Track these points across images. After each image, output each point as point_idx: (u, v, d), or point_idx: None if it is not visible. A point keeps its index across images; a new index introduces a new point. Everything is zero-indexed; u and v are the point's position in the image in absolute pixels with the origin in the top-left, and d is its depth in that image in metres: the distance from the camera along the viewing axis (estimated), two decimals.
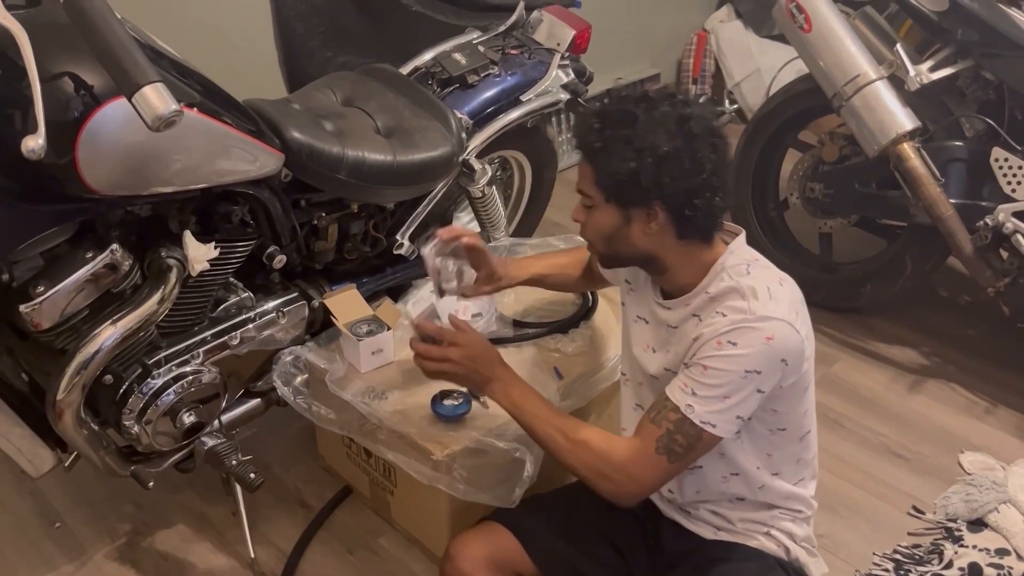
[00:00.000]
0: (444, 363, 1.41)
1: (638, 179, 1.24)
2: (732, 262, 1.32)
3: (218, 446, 1.75)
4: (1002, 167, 2.25)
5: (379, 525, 1.96)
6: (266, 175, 1.63)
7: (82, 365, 1.49)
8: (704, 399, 1.25)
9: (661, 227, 1.29)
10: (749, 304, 1.25)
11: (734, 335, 1.24)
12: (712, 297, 1.31)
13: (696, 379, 1.26)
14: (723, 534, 1.44)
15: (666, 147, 1.23)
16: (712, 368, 1.25)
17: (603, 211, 1.32)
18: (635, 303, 1.48)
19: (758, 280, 1.29)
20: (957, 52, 2.30)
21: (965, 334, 2.63)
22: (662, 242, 1.31)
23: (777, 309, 1.25)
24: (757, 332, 1.23)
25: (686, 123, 1.24)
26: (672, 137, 1.24)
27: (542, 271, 1.74)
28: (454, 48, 2.16)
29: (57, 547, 1.90)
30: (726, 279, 1.30)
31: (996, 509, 1.99)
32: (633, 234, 1.31)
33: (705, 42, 3.83)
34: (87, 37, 1.18)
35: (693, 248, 1.32)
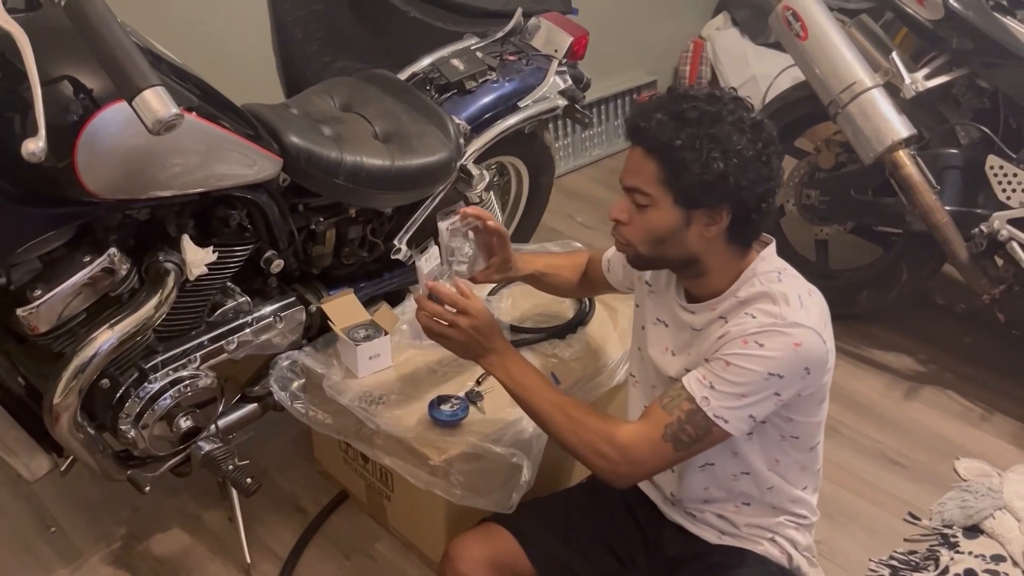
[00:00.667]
0: (451, 328, 1.36)
1: (725, 181, 1.22)
2: (763, 268, 1.32)
3: (215, 451, 1.74)
4: (997, 175, 2.26)
5: (376, 530, 1.96)
6: (264, 179, 1.63)
7: (79, 369, 1.49)
8: (721, 394, 1.24)
9: (718, 231, 1.27)
10: (781, 309, 1.24)
11: (762, 337, 1.23)
12: (742, 301, 1.30)
13: (716, 373, 1.25)
14: (727, 539, 1.44)
15: (750, 151, 1.22)
16: (735, 365, 1.24)
17: (662, 211, 1.27)
18: (654, 305, 1.47)
19: (790, 288, 1.28)
20: (952, 60, 2.31)
21: (961, 341, 2.64)
22: (712, 245, 1.29)
23: (808, 317, 1.25)
24: (786, 337, 1.23)
25: (760, 128, 1.25)
26: (752, 142, 1.23)
27: (542, 268, 1.73)
28: (452, 54, 2.16)
29: (53, 551, 1.89)
30: (757, 284, 1.30)
31: (992, 516, 2.00)
32: (690, 236, 1.28)
33: (701, 49, 3.84)
34: (88, 40, 1.18)
35: (734, 253, 1.32)
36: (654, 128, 1.24)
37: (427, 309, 1.39)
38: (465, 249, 1.59)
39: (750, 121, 1.24)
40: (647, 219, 1.29)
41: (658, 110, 1.25)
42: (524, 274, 1.70)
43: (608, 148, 3.72)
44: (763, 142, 1.24)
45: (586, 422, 1.31)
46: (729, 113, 1.23)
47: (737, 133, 1.22)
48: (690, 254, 1.31)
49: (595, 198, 3.40)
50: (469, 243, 1.58)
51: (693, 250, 1.30)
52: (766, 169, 1.24)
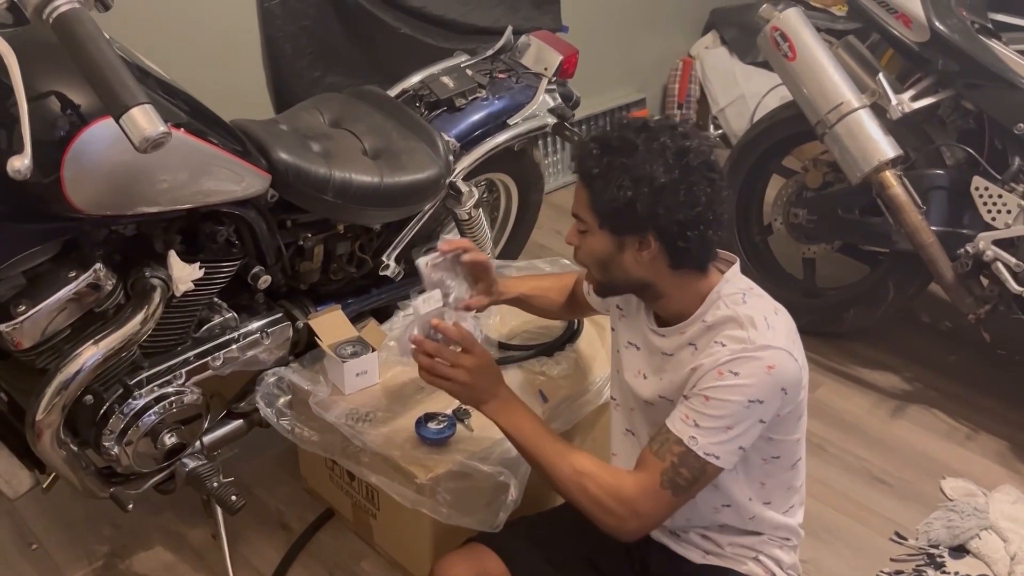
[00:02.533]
0: (453, 369, 1.35)
1: (633, 208, 1.25)
2: (728, 291, 1.32)
3: (199, 467, 1.73)
4: (982, 195, 2.27)
5: (361, 548, 1.94)
6: (252, 195, 1.63)
7: (63, 385, 1.47)
8: (707, 430, 1.24)
9: (654, 256, 1.30)
10: (748, 334, 1.25)
11: (735, 365, 1.24)
12: (709, 326, 1.30)
13: (698, 410, 1.25)
14: (712, 558, 1.44)
15: (663, 178, 1.24)
16: (714, 399, 1.24)
17: (597, 237, 1.32)
18: (626, 329, 1.48)
19: (755, 309, 1.29)
20: (938, 82, 2.33)
21: (947, 360, 2.65)
22: (655, 270, 1.31)
23: (776, 338, 1.25)
24: (758, 362, 1.23)
25: (684, 156, 1.25)
26: (669, 169, 1.24)
27: (528, 291, 1.74)
28: (442, 71, 2.17)
29: (34, 569, 1.87)
30: (723, 308, 1.30)
31: (978, 535, 2.00)
32: (626, 261, 1.32)
33: (690, 68, 3.87)
34: (75, 57, 1.18)
35: (687, 277, 1.32)
36: (583, 157, 1.31)
37: (428, 348, 1.38)
38: (452, 283, 1.59)
39: (675, 148, 1.25)
40: (588, 244, 1.35)
41: (593, 140, 1.31)
42: (509, 297, 1.71)
43: None
44: (683, 169, 1.25)
45: (592, 476, 1.30)
46: (651, 140, 1.26)
47: (652, 162, 1.24)
48: (636, 278, 1.34)
49: None
50: (455, 275, 1.59)
51: (638, 275, 1.33)
52: (687, 196, 1.25)
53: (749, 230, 2.83)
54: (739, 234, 2.82)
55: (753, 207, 2.84)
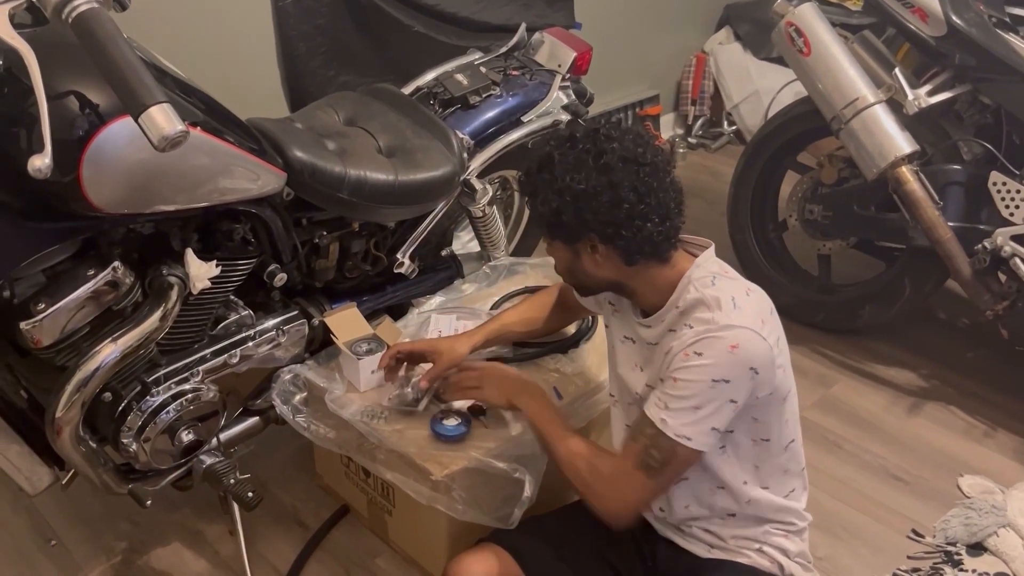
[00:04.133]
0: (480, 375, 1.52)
1: (560, 218, 1.30)
2: (698, 275, 1.34)
3: (216, 464, 1.74)
4: (1000, 191, 2.26)
5: (376, 545, 1.95)
6: (268, 194, 1.64)
7: (82, 382, 1.49)
8: (676, 412, 1.27)
9: (607, 256, 1.33)
10: (713, 315, 1.27)
11: (699, 345, 1.26)
12: (682, 311, 1.33)
13: (667, 392, 1.28)
14: (717, 552, 1.44)
15: (582, 185, 1.27)
16: (681, 380, 1.26)
17: (554, 248, 1.39)
18: (620, 324, 1.50)
19: (723, 291, 1.30)
20: (955, 76, 2.32)
21: (964, 357, 2.64)
22: (615, 269, 1.35)
23: (741, 318, 1.27)
24: (721, 341, 1.25)
25: (601, 157, 1.28)
26: (588, 174, 1.27)
27: (501, 329, 1.77)
28: (456, 69, 2.17)
29: (53, 565, 1.89)
30: (692, 291, 1.32)
31: (995, 533, 1.99)
32: (585, 265, 1.36)
33: (704, 64, 3.85)
34: (94, 56, 1.19)
35: (650, 269, 1.35)
36: (521, 177, 1.39)
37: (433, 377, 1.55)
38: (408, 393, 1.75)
39: (593, 152, 1.28)
40: (553, 255, 1.42)
41: (532, 160, 1.36)
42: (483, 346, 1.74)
43: None
44: (601, 171, 1.27)
45: (581, 456, 1.39)
46: (571, 150, 1.29)
47: (570, 171, 1.28)
48: (603, 279, 1.38)
49: None
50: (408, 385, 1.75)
51: (602, 275, 1.37)
52: (611, 196, 1.27)
53: (764, 226, 2.82)
54: (754, 230, 2.81)
55: (768, 203, 2.83)
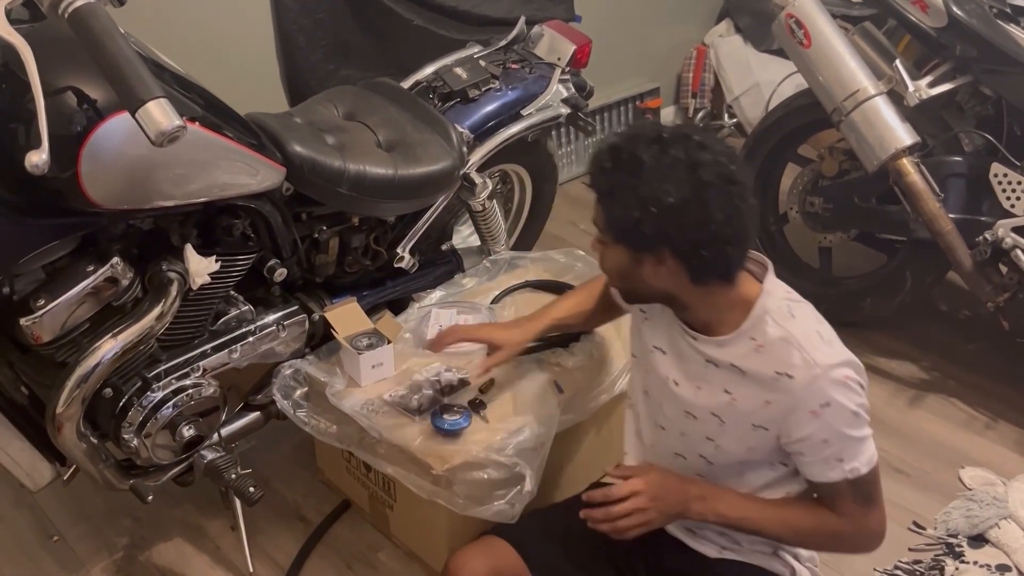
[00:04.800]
0: (638, 515, 1.31)
1: (640, 229, 1.21)
2: (773, 305, 1.28)
3: (217, 459, 1.74)
4: (1001, 182, 2.25)
5: (378, 540, 1.95)
6: (268, 189, 1.64)
7: (82, 378, 1.49)
8: (853, 454, 1.26)
9: (672, 271, 1.25)
10: (814, 357, 1.23)
11: (820, 396, 1.23)
12: (759, 346, 1.27)
13: (829, 452, 1.26)
14: (728, 553, 1.43)
15: (672, 198, 1.18)
16: (832, 436, 1.24)
17: (614, 250, 1.29)
18: (651, 332, 1.43)
19: (805, 324, 1.27)
20: (956, 68, 2.31)
21: (965, 349, 2.63)
22: (677, 284, 1.27)
23: (837, 352, 1.25)
24: (835, 382, 1.23)
25: (696, 170, 1.19)
26: (680, 186, 1.18)
27: (553, 322, 1.71)
28: (455, 62, 2.17)
29: (55, 561, 1.89)
30: (771, 324, 1.27)
31: (997, 525, 1.99)
32: (644, 274, 1.28)
33: (704, 56, 3.84)
34: (91, 51, 1.18)
35: (713, 288, 1.27)
36: (595, 171, 1.27)
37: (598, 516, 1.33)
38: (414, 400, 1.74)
39: (687, 162, 1.19)
40: (607, 255, 1.31)
41: (606, 151, 1.26)
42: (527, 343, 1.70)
43: None
44: (695, 185, 1.18)
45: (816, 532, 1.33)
46: (662, 155, 1.19)
47: (661, 180, 1.18)
48: (659, 290, 1.30)
49: None
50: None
51: (659, 287, 1.29)
52: (700, 214, 1.18)
53: (765, 219, 2.81)
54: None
55: (768, 196, 2.82)
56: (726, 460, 1.37)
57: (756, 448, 1.33)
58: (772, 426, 1.29)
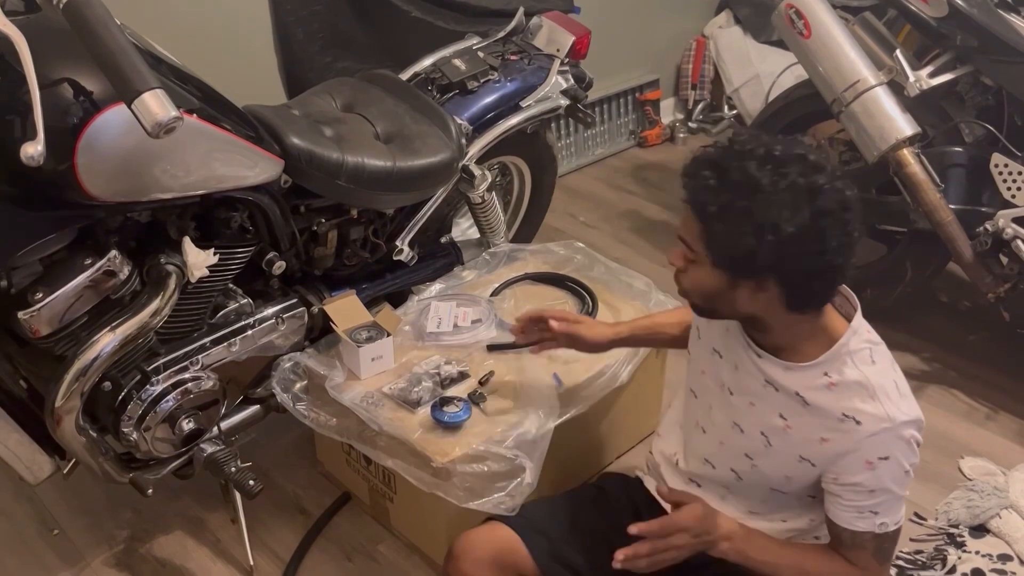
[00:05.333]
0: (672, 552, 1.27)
1: (754, 257, 1.13)
2: (856, 346, 1.25)
3: (217, 453, 1.74)
4: (1002, 173, 2.25)
5: (378, 532, 1.95)
6: (265, 181, 1.63)
7: (81, 372, 1.49)
8: (888, 511, 1.26)
9: (769, 298, 1.19)
10: (886, 409, 1.21)
11: (882, 449, 1.22)
12: (832, 384, 1.24)
13: (869, 503, 1.25)
14: None
15: (791, 227, 1.11)
16: (879, 488, 1.23)
17: (706, 271, 1.21)
18: (711, 335, 1.40)
19: (884, 373, 1.25)
20: (956, 58, 2.30)
21: (965, 340, 2.63)
22: (769, 310, 1.22)
23: (910, 408, 1.24)
24: (902, 439, 1.22)
25: (817, 198, 1.12)
26: (798, 214, 1.11)
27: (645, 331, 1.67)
28: (454, 54, 2.16)
29: (55, 554, 1.89)
30: (849, 364, 1.24)
31: (998, 515, 1.99)
32: (737, 299, 1.21)
33: (704, 48, 3.83)
34: (86, 43, 1.18)
35: (804, 317, 1.23)
36: (697, 187, 1.17)
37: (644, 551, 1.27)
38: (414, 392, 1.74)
39: (806, 188, 1.12)
40: (694, 275, 1.23)
41: (708, 166, 1.16)
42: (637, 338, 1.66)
43: (611, 147, 3.72)
44: (814, 213, 1.11)
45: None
46: (779, 178, 1.12)
47: (780, 207, 1.11)
48: (745, 313, 1.24)
49: (598, 197, 3.40)
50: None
51: (747, 310, 1.23)
52: (816, 243, 1.13)
53: None
54: None
55: None
56: (757, 481, 1.36)
57: (793, 479, 1.32)
58: (819, 463, 1.27)
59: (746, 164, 1.14)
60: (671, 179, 3.55)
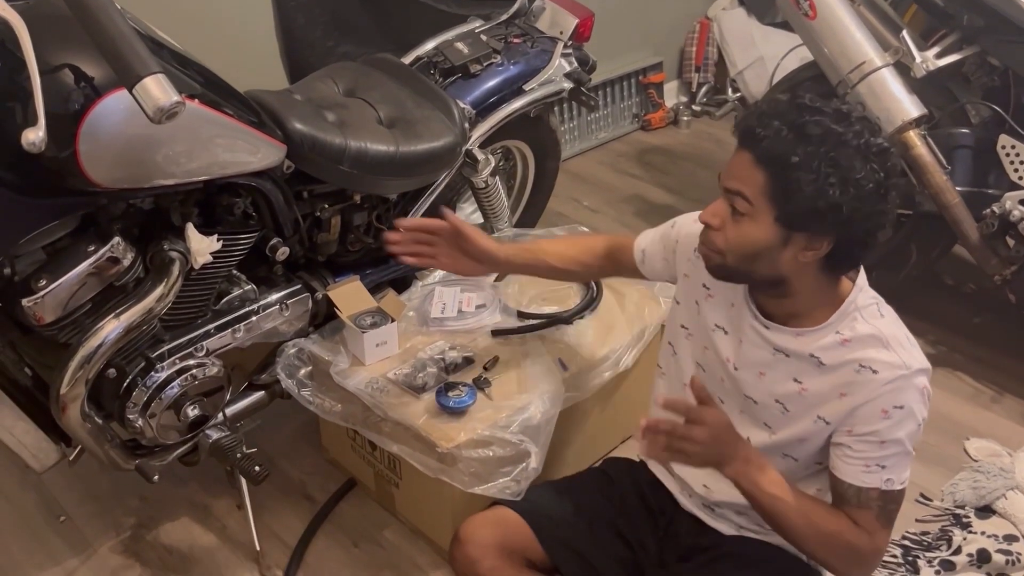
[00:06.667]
0: (687, 442, 1.21)
1: (838, 211, 1.13)
2: (864, 302, 1.26)
3: (223, 439, 1.74)
4: (1008, 154, 2.23)
5: (384, 517, 1.96)
6: (268, 166, 1.62)
7: (85, 359, 1.48)
8: (894, 467, 1.25)
9: (813, 258, 1.20)
10: (900, 356, 1.22)
11: (897, 398, 1.22)
12: (845, 340, 1.25)
13: (877, 455, 1.24)
14: (745, 531, 1.44)
15: (870, 184, 1.12)
16: (890, 440, 1.23)
17: (760, 225, 1.18)
18: (713, 310, 1.39)
19: (894, 325, 1.26)
20: (963, 38, 2.28)
21: (971, 322, 2.62)
22: (804, 271, 1.22)
23: (921, 357, 1.24)
24: (916, 387, 1.23)
25: (888, 159, 1.15)
26: (876, 172, 1.13)
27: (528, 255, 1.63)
28: (456, 37, 2.14)
29: (62, 541, 1.90)
30: (860, 320, 1.25)
31: (1004, 496, 1.99)
32: (783, 257, 1.20)
33: (708, 30, 3.80)
34: (87, 28, 1.17)
35: (826, 280, 1.24)
36: (771, 138, 1.14)
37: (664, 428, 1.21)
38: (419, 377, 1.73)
39: (876, 147, 1.14)
40: (742, 230, 1.20)
41: (778, 117, 1.15)
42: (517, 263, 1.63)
43: (614, 131, 3.70)
44: (886, 172, 1.14)
45: (838, 536, 1.26)
46: (855, 136, 1.13)
47: (860, 160, 1.12)
48: (779, 275, 1.23)
49: (602, 181, 3.38)
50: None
51: (782, 272, 1.22)
52: (883, 203, 1.15)
53: None
54: None
55: None
56: (771, 449, 1.35)
57: (806, 442, 1.32)
58: (835, 420, 1.27)
59: (822, 119, 1.13)
60: (675, 163, 3.54)
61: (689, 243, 1.41)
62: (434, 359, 1.79)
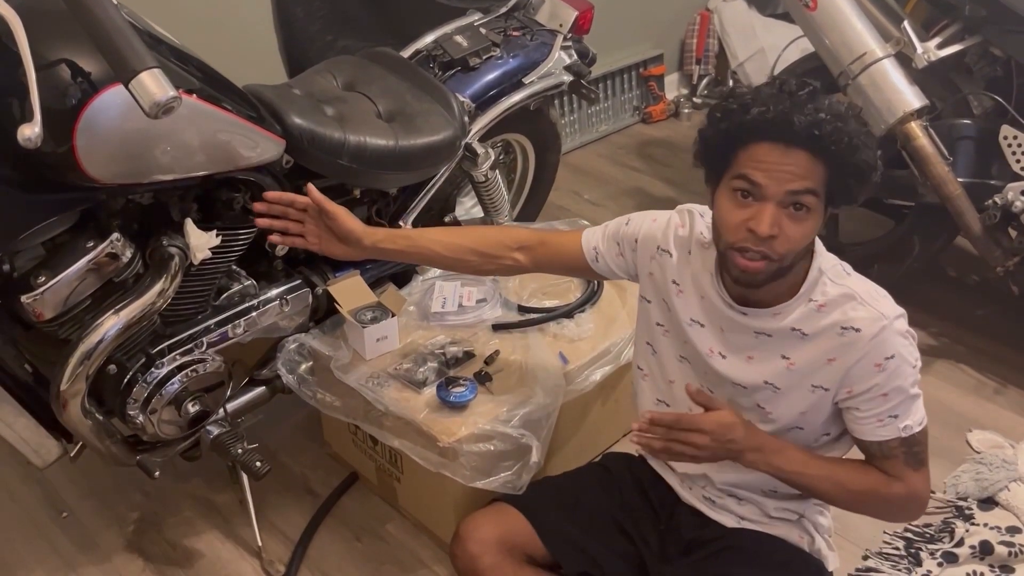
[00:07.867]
0: (693, 449, 1.24)
1: (874, 177, 1.21)
2: (827, 265, 1.29)
3: (223, 434, 1.74)
4: (1011, 145, 2.22)
5: (386, 511, 1.96)
6: (267, 161, 1.62)
7: (85, 355, 1.48)
8: (907, 412, 1.27)
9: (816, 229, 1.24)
10: (876, 308, 1.25)
11: (884, 348, 1.24)
12: (821, 306, 1.27)
13: (886, 408, 1.26)
14: (747, 524, 1.43)
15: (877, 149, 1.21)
16: (892, 389, 1.25)
17: (817, 215, 1.21)
18: (685, 307, 1.39)
19: (860, 279, 1.29)
20: (965, 28, 2.27)
21: (974, 314, 2.61)
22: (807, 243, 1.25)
23: (892, 303, 1.27)
24: (898, 334, 1.25)
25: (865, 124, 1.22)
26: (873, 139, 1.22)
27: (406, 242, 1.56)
28: (455, 30, 2.14)
29: (66, 536, 1.90)
30: (828, 283, 1.28)
31: (1006, 487, 1.98)
32: (813, 237, 1.26)
33: (708, 22, 3.79)
34: (83, 23, 1.17)
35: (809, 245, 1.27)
36: (828, 128, 1.15)
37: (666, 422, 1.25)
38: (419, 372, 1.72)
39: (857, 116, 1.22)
40: (806, 227, 1.21)
41: (816, 107, 1.16)
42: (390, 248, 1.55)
43: (615, 124, 3.69)
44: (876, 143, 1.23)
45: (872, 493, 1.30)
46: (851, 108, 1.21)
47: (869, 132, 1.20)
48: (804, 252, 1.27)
49: (602, 175, 3.37)
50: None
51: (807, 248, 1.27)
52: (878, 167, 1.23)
53: None
54: None
55: None
56: (774, 428, 1.35)
57: (809, 412, 1.32)
58: (832, 385, 1.29)
59: (831, 101, 1.18)
60: (676, 155, 3.52)
61: (651, 242, 1.43)
62: (435, 354, 1.78)
